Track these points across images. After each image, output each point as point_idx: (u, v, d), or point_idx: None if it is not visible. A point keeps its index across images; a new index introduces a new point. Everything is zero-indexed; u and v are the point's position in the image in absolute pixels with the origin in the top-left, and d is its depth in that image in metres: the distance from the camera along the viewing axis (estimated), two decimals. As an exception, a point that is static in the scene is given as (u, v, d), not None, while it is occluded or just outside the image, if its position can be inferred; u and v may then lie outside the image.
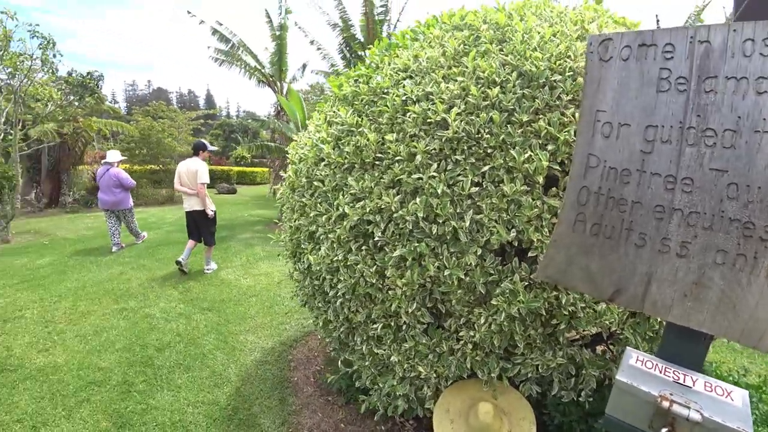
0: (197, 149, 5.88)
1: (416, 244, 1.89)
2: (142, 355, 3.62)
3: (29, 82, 8.67)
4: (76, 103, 10.98)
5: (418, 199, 1.88)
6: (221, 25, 11.33)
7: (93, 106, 13.44)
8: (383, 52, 2.61)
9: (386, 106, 2.11)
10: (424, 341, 2.09)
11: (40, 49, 8.58)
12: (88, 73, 10.90)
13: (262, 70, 11.56)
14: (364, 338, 2.34)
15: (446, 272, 1.85)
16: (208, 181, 5.68)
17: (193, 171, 5.60)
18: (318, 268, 2.34)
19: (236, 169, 24.87)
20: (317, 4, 10.97)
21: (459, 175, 1.85)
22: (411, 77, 2.18)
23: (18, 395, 3.09)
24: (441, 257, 1.88)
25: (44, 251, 7.27)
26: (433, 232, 1.87)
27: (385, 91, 2.20)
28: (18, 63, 8.37)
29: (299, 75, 12.93)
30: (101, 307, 4.63)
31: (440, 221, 1.86)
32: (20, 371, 3.40)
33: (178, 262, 5.73)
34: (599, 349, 2.38)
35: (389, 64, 2.37)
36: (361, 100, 2.32)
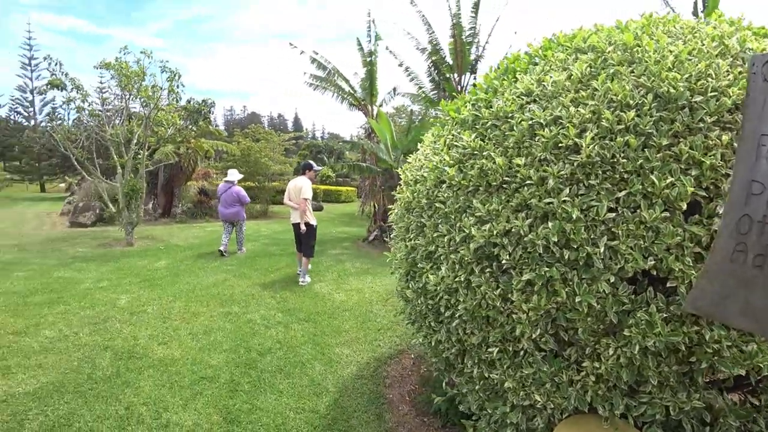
0: (304, 169, 6.44)
1: (546, 269, 1.82)
2: (247, 358, 3.85)
3: (156, 110, 9.87)
4: (192, 127, 12.26)
5: (550, 224, 1.82)
6: (317, 53, 12.09)
7: (203, 129, 15.00)
8: (501, 77, 2.59)
9: (512, 130, 2.09)
10: (544, 369, 1.97)
11: (167, 81, 9.79)
12: (203, 101, 12.21)
13: (354, 94, 12.09)
14: (476, 361, 2.27)
15: (577, 299, 1.75)
16: (310, 197, 6.08)
17: (299, 187, 6.09)
18: (436, 288, 2.33)
19: (322, 187, 26.01)
20: (406, 30, 11.29)
21: (593, 200, 1.78)
22: (536, 101, 2.14)
23: (143, 381, 3.43)
24: (571, 283, 1.79)
25: (160, 255, 8.13)
26: (565, 257, 1.79)
27: (509, 115, 2.19)
28: (150, 94, 9.60)
29: (388, 98, 13.33)
30: (209, 310, 5.03)
31: (573, 246, 1.78)
32: (144, 359, 3.77)
33: (300, 284, 6.22)
34: (739, 396, 2.09)
35: (509, 89, 2.35)
36: (483, 124, 2.32)
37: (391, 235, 3.29)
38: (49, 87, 9.40)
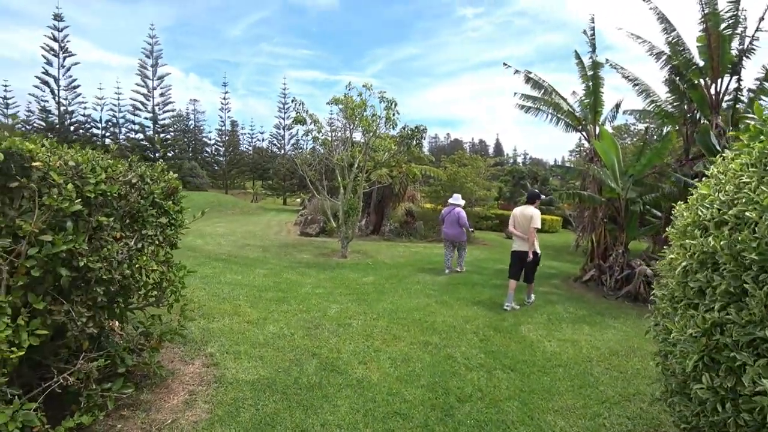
0: (533, 198, 6.56)
1: None
2: (444, 402, 3.43)
3: (375, 138, 10.72)
4: (404, 152, 12.95)
5: None
6: (530, 73, 11.35)
7: (414, 154, 15.84)
8: None
9: None
10: None
11: (385, 110, 10.56)
12: (416, 127, 12.85)
13: (573, 113, 10.87)
14: None
15: None
16: (539, 226, 6.30)
17: (528, 216, 6.26)
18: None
19: None
20: (633, 34, 9.51)
21: None
22: None
23: (341, 400, 3.33)
24: None
25: (368, 271, 8.59)
26: None
27: None
28: (370, 122, 10.50)
29: (610, 116, 11.61)
30: (409, 335, 4.86)
31: None
32: (345, 376, 3.73)
33: (505, 309, 6.20)
34: None
35: None
36: None
37: (653, 292, 2.42)
38: (293, 122, 11.20)
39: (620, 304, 7.18)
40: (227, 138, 51.91)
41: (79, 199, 2.42)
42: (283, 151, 48.06)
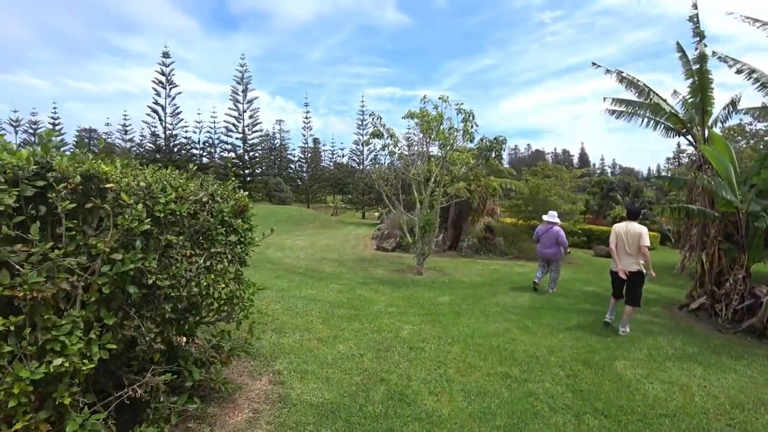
0: (636, 214, 6.24)
1: None
2: (526, 447, 3.02)
3: (452, 151, 10.41)
4: (483, 165, 12.46)
5: None
6: (623, 72, 10.32)
7: (493, 167, 15.21)
8: None
9: None
10: None
11: (462, 122, 10.22)
12: (495, 138, 12.31)
13: (677, 115, 9.65)
14: None
15: None
16: (649, 244, 5.92)
17: (636, 233, 5.89)
18: None
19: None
20: (749, 18, 8.15)
21: None
22: None
23: (408, 436, 3.08)
24: None
25: (444, 290, 8.24)
26: None
27: None
28: (447, 136, 10.22)
29: (722, 116, 10.14)
30: (486, 365, 4.45)
31: None
32: (413, 407, 3.44)
33: (606, 323, 6.17)
34: None
35: None
36: None
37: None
38: (371, 136, 11.27)
39: (741, 341, 6.03)
40: (309, 155, 54.49)
41: (149, 219, 2.46)
42: (362, 166, 49.48)
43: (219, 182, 3.38)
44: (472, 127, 10.12)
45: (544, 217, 8.83)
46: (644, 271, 5.94)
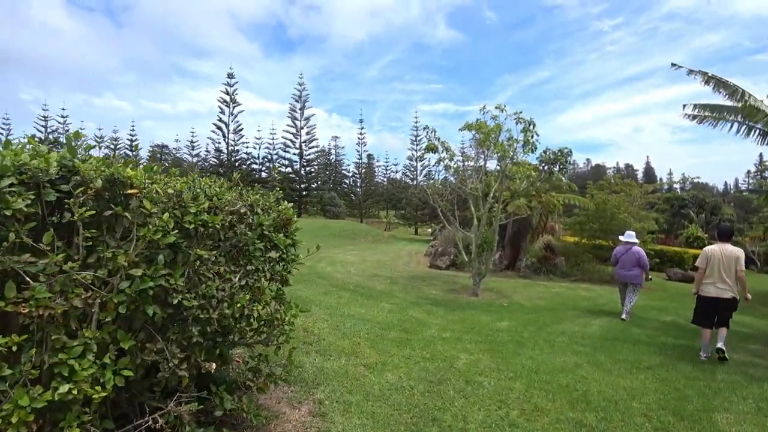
0: (729, 235, 5.83)
1: None
2: None
3: (511, 163, 9.77)
4: (546, 179, 11.65)
5: None
6: (707, 73, 9.24)
7: (557, 181, 14.25)
8: None
9: None
10: None
11: (522, 132, 9.57)
12: (559, 150, 11.47)
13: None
14: None
15: None
16: (744, 268, 5.56)
17: (733, 257, 5.51)
18: None
19: (691, 251, 20.25)
20: None
21: None
22: None
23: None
24: None
25: (503, 314, 7.57)
26: None
27: None
28: (506, 148, 9.60)
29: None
30: (555, 408, 3.81)
31: None
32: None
33: (702, 359, 5.60)
34: None
35: None
36: None
37: None
38: (425, 150, 10.88)
39: None
40: (363, 170, 55.08)
41: (177, 230, 2.19)
42: (415, 182, 49.35)
43: (262, 192, 3.11)
44: (533, 137, 9.45)
45: (622, 238, 8.27)
46: (738, 297, 5.57)
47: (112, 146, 48.14)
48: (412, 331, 5.95)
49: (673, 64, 8.93)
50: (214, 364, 2.62)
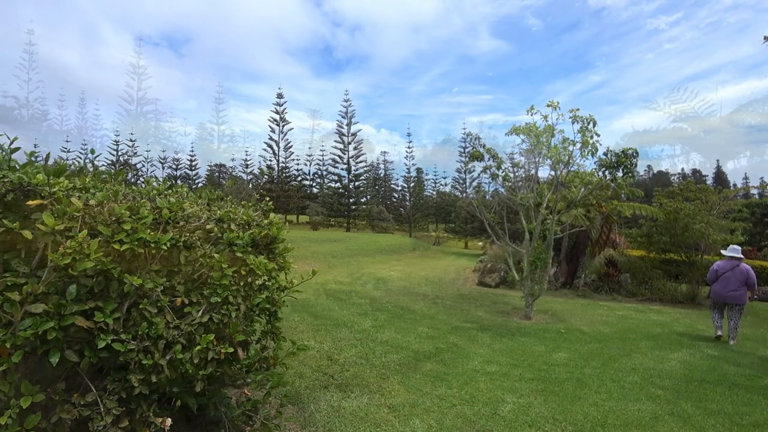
0: None
1: None
2: None
3: (567, 170, 8.74)
4: (611, 184, 10.40)
5: None
6: None
7: (620, 188, 12.82)
8: None
9: None
10: None
11: (579, 132, 8.52)
12: (622, 151, 10.18)
13: None
14: None
15: None
16: None
17: None
18: None
19: None
20: None
21: None
22: None
23: None
24: None
25: (560, 342, 6.55)
26: None
27: None
28: (561, 151, 8.59)
29: None
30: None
31: None
32: None
33: None
34: None
35: None
36: None
37: None
38: (470, 159, 10.07)
39: None
40: (412, 184, 54.55)
41: (101, 252, 1.65)
42: (464, 194, 48.36)
43: (245, 203, 2.54)
44: (592, 137, 8.38)
45: (725, 252, 7.62)
46: None
47: (174, 166, 51.03)
48: (450, 363, 5.16)
49: (766, 38, 7.82)
50: (169, 419, 2.05)
